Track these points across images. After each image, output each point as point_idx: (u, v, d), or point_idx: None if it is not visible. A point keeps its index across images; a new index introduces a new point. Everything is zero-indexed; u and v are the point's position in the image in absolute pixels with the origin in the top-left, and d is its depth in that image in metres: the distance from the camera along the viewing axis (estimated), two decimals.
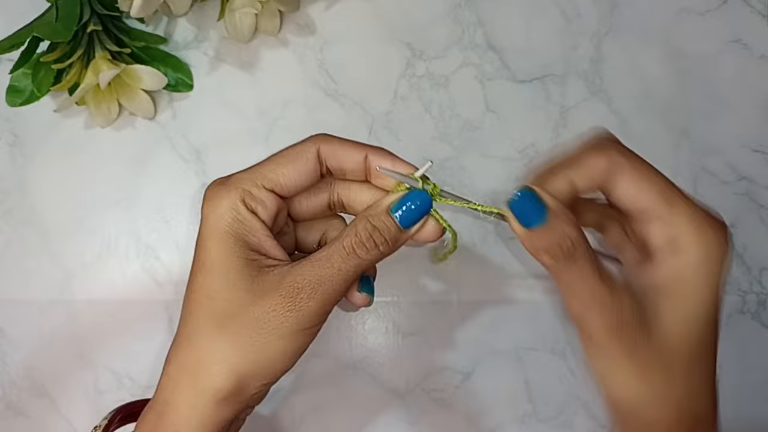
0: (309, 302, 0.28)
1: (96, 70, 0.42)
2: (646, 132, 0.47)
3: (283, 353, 0.28)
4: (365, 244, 0.29)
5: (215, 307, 0.28)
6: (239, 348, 0.28)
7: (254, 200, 0.29)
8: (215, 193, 0.30)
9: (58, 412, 0.44)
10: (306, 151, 0.30)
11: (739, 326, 0.46)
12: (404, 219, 0.29)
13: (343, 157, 0.30)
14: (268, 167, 0.30)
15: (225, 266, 0.28)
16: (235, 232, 0.29)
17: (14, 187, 0.46)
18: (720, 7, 0.49)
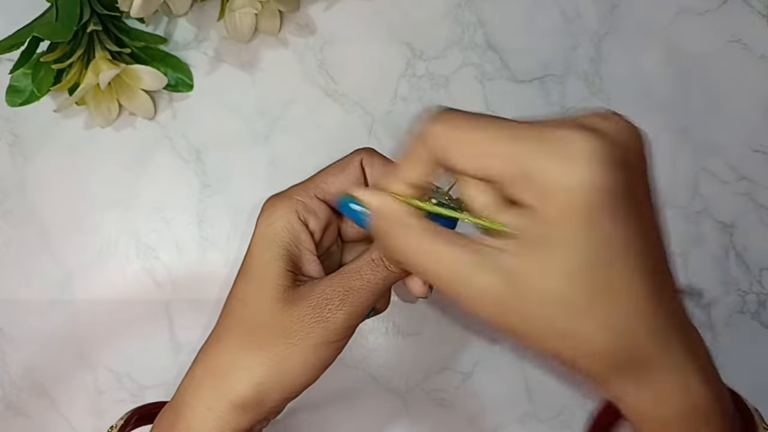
0: (336, 313, 0.28)
1: (96, 70, 0.42)
2: (646, 132, 0.47)
3: (306, 365, 0.28)
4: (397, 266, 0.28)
5: (247, 313, 0.29)
6: (264, 356, 0.28)
7: (307, 210, 0.30)
8: (271, 203, 0.30)
9: (58, 412, 0.44)
10: (352, 160, 0.32)
11: (739, 326, 0.46)
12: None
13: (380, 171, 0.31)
14: (320, 177, 0.31)
15: (263, 273, 0.29)
16: (282, 240, 0.29)
17: (14, 187, 0.46)
18: (720, 7, 0.49)
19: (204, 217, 0.46)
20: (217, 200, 0.46)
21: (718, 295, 0.46)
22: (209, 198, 0.46)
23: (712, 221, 0.46)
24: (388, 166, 0.31)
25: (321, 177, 0.31)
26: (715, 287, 0.46)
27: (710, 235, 0.46)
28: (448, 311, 0.45)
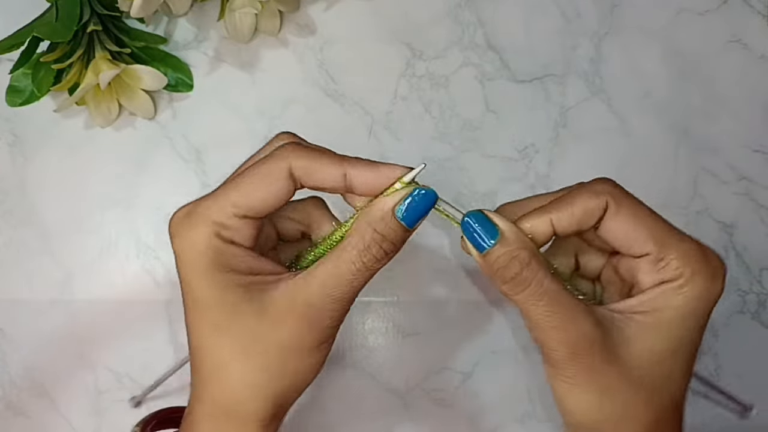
0: (325, 320, 0.28)
1: (96, 70, 0.42)
2: (646, 132, 0.47)
3: (311, 368, 0.29)
4: (375, 255, 0.28)
5: (231, 341, 0.27)
6: (270, 375, 0.28)
7: (229, 231, 0.27)
8: (184, 228, 0.28)
9: (58, 412, 0.44)
10: (276, 169, 0.28)
11: (739, 326, 0.46)
12: (408, 218, 0.28)
13: (320, 177, 0.28)
14: (237, 192, 0.28)
15: (225, 301, 0.27)
16: (222, 266, 0.27)
17: (14, 187, 0.46)
18: (720, 7, 0.49)
19: None
20: None
21: None
22: None
23: (712, 221, 0.46)
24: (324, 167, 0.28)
25: (237, 191, 0.28)
26: None
27: (710, 235, 0.46)
28: (448, 311, 0.45)
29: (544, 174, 0.47)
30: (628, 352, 0.27)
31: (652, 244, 0.28)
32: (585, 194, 0.28)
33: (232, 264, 0.27)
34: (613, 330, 0.27)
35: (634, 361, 0.27)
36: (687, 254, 0.27)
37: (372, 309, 0.45)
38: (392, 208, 0.28)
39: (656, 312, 0.27)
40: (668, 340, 0.28)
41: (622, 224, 0.28)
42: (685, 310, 0.27)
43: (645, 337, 0.27)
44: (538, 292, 0.27)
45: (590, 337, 0.27)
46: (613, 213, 0.28)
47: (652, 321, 0.27)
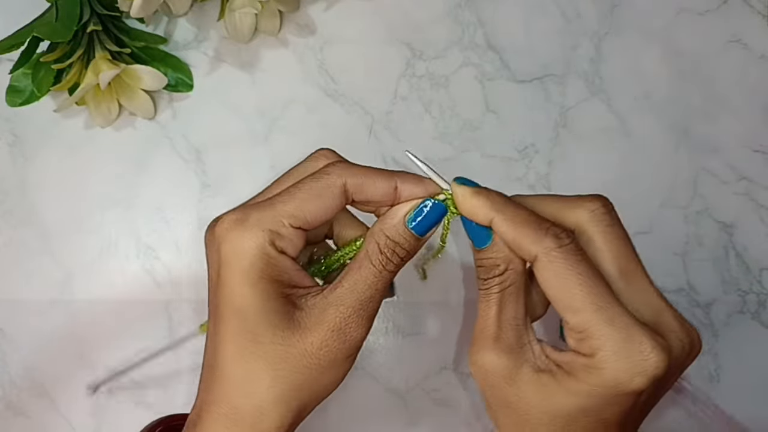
0: (358, 330, 0.29)
1: (96, 70, 0.42)
2: (646, 132, 0.47)
3: (336, 380, 0.30)
4: (391, 259, 0.29)
5: (264, 350, 0.28)
6: (297, 387, 0.29)
7: (284, 240, 0.28)
8: (237, 234, 0.28)
9: (58, 412, 0.44)
10: (332, 186, 0.29)
11: (739, 326, 0.46)
12: (420, 227, 0.30)
13: (372, 192, 0.29)
14: (293, 204, 0.29)
15: (264, 310, 0.28)
16: (269, 275, 0.28)
17: (14, 187, 0.46)
18: (720, 7, 0.49)
19: (204, 217, 0.46)
20: (217, 200, 0.46)
21: (718, 295, 0.46)
22: (209, 198, 0.46)
23: (712, 221, 0.46)
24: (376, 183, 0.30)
25: (292, 203, 0.29)
26: (715, 287, 0.46)
27: (710, 235, 0.46)
28: (448, 311, 0.45)
29: (544, 174, 0.47)
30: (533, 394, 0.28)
31: (572, 313, 0.27)
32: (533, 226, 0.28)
33: (278, 275, 0.28)
34: (527, 368, 0.28)
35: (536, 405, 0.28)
36: (608, 339, 0.26)
37: None
38: (403, 216, 0.30)
39: (567, 375, 0.28)
40: (572, 403, 0.27)
41: (549, 279, 0.28)
42: (591, 388, 0.27)
43: (551, 390, 0.28)
44: (492, 299, 0.29)
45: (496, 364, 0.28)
46: (543, 264, 0.27)
47: (561, 380, 0.28)
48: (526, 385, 0.28)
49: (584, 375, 0.27)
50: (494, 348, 0.29)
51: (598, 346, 0.26)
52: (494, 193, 0.29)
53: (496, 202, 0.29)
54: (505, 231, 0.28)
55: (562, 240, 0.27)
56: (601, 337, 0.26)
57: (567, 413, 0.28)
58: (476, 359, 0.29)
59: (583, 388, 0.27)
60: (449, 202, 0.30)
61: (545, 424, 0.28)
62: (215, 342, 0.29)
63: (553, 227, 0.28)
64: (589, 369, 0.27)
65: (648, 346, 0.26)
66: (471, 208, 0.29)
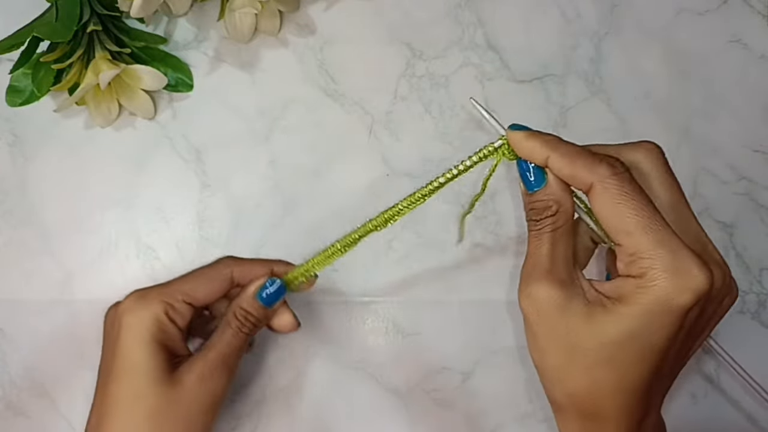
0: (221, 378, 0.35)
1: (96, 70, 0.42)
2: (646, 132, 0.47)
3: (207, 423, 0.35)
4: (244, 324, 0.36)
5: (148, 404, 0.33)
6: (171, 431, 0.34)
7: (176, 312, 0.35)
8: (137, 304, 0.34)
9: (58, 412, 0.44)
10: (221, 273, 0.36)
11: (739, 326, 0.46)
12: (267, 300, 0.36)
13: (253, 275, 0.37)
14: (188, 285, 0.36)
15: (150, 368, 0.33)
16: (159, 339, 0.34)
17: (14, 187, 0.46)
18: (720, 7, 0.49)
19: (204, 217, 0.46)
20: (217, 200, 0.46)
21: None
22: (209, 198, 0.46)
23: (712, 221, 0.47)
24: (256, 269, 0.37)
25: (188, 284, 0.36)
26: None
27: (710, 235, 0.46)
28: (448, 311, 0.45)
29: None
30: (584, 325, 0.29)
31: (624, 236, 0.29)
32: (588, 158, 0.29)
33: (166, 340, 0.34)
34: (578, 301, 0.30)
35: (587, 336, 0.29)
36: (659, 257, 0.28)
37: (372, 309, 0.45)
38: (253, 292, 0.36)
39: (617, 302, 0.29)
40: (623, 329, 0.29)
41: (603, 206, 0.29)
42: (642, 308, 0.28)
43: (602, 320, 0.29)
44: (545, 237, 0.31)
45: (549, 295, 0.30)
46: (598, 191, 0.29)
47: (612, 308, 0.29)
48: (577, 316, 0.29)
49: (634, 296, 0.28)
50: (548, 280, 0.30)
51: (649, 264, 0.28)
52: (547, 134, 0.31)
53: (550, 141, 0.31)
54: (561, 166, 0.30)
55: (616, 168, 0.29)
56: (651, 257, 0.28)
57: (616, 339, 0.29)
58: (530, 291, 0.30)
59: (633, 310, 0.28)
60: (504, 149, 0.32)
61: (594, 352, 0.29)
62: (101, 405, 0.34)
63: (607, 157, 0.30)
64: (640, 288, 0.28)
65: (695, 265, 0.28)
66: (527, 149, 0.31)
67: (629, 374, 0.29)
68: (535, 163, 0.31)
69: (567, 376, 0.30)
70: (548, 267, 0.30)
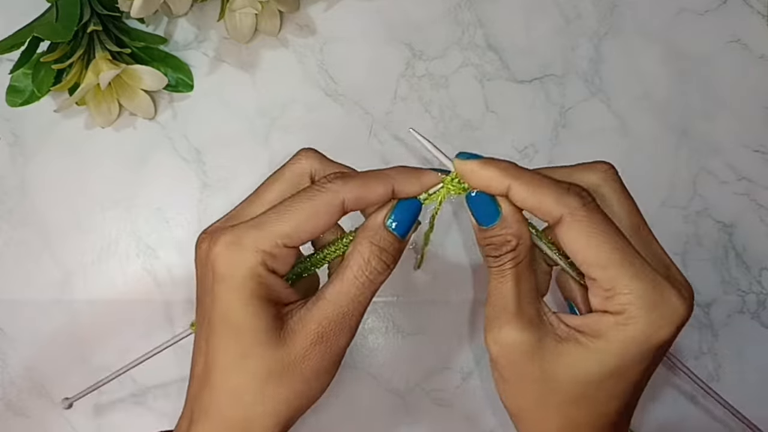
0: (339, 340, 0.29)
1: (96, 71, 0.42)
2: (646, 132, 0.47)
3: (321, 388, 0.30)
4: (376, 268, 0.29)
5: (253, 365, 0.28)
6: (284, 399, 0.29)
7: (276, 261, 0.29)
8: (232, 255, 0.28)
9: (58, 412, 0.44)
10: (329, 204, 0.29)
11: (739, 326, 0.46)
12: (400, 228, 0.30)
13: (370, 201, 0.30)
14: (289, 224, 0.28)
15: (254, 328, 0.28)
16: (259, 294, 0.28)
17: (14, 187, 0.46)
18: (720, 7, 0.49)
19: (204, 217, 0.46)
20: (217, 200, 0.46)
21: (718, 295, 0.46)
22: (209, 198, 0.46)
23: (712, 221, 0.46)
24: (374, 190, 0.29)
25: (288, 223, 0.28)
26: (715, 287, 0.46)
27: (710, 235, 0.46)
28: (448, 311, 0.45)
29: None
30: (557, 364, 0.28)
31: (598, 270, 0.27)
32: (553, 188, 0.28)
33: (268, 294, 0.29)
34: (548, 340, 0.28)
35: (562, 375, 0.28)
36: (637, 292, 0.27)
37: (372, 309, 0.45)
38: (383, 220, 0.30)
39: (593, 338, 0.28)
40: (601, 367, 0.28)
41: (574, 239, 0.27)
42: (622, 346, 0.27)
43: (577, 357, 0.28)
44: (508, 274, 0.29)
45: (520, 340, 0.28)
46: (568, 223, 0.27)
47: (588, 344, 0.28)
48: (550, 356, 0.28)
49: (614, 333, 0.27)
50: (516, 322, 0.28)
51: (628, 301, 0.27)
52: (502, 161, 0.29)
53: (509, 169, 0.28)
54: (525, 196, 0.28)
55: (585, 198, 0.27)
56: (630, 292, 0.27)
57: (593, 377, 0.28)
58: (497, 337, 0.28)
59: (612, 347, 0.27)
60: (449, 183, 0.30)
61: (568, 389, 0.28)
62: (207, 355, 0.29)
63: (574, 186, 0.28)
64: (619, 326, 0.27)
65: (674, 296, 0.27)
66: (485, 179, 0.29)
67: (604, 409, 0.29)
68: (493, 194, 0.29)
69: (540, 416, 0.29)
70: (515, 307, 0.28)
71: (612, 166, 0.31)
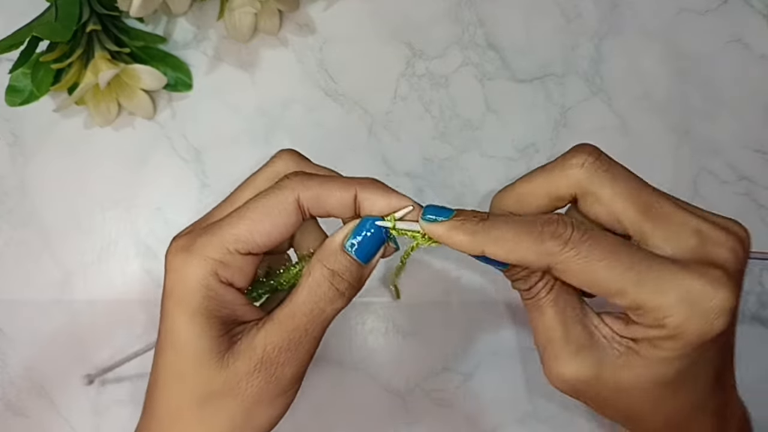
0: (285, 370, 0.27)
1: (95, 70, 0.42)
2: (646, 132, 0.47)
3: (267, 419, 0.27)
4: (327, 294, 0.26)
5: (188, 387, 0.26)
6: (222, 425, 0.27)
7: (229, 270, 0.26)
8: (181, 262, 0.26)
9: (58, 412, 0.44)
10: (283, 203, 0.26)
11: (739, 326, 0.45)
12: (360, 252, 0.27)
13: (331, 204, 0.27)
14: (240, 226, 0.26)
15: (195, 347, 0.26)
16: (207, 310, 0.26)
17: (14, 187, 0.46)
18: (720, 7, 0.49)
19: None
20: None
21: None
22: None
23: None
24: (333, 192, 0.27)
25: (240, 225, 0.26)
26: None
27: None
28: (448, 311, 0.45)
29: None
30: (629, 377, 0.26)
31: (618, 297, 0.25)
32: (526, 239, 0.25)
33: (218, 310, 0.26)
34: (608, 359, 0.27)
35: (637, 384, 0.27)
36: (668, 304, 0.24)
37: (372, 309, 0.45)
38: (341, 241, 0.27)
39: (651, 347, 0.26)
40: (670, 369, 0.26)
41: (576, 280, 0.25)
42: (681, 351, 0.25)
43: (644, 368, 0.26)
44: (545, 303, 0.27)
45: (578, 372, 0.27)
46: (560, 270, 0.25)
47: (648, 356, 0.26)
48: (619, 373, 0.26)
49: (666, 343, 0.25)
50: (568, 355, 0.26)
51: (663, 315, 0.24)
52: (470, 219, 0.26)
53: (476, 231, 0.26)
54: (503, 257, 0.26)
55: (563, 235, 0.25)
56: (660, 309, 0.24)
57: (671, 377, 0.26)
58: (557, 374, 0.27)
59: (673, 354, 0.25)
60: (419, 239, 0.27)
61: (657, 393, 0.27)
62: (151, 375, 0.28)
63: (547, 225, 0.25)
64: (668, 338, 0.25)
65: (709, 288, 0.24)
66: (456, 247, 0.26)
67: (697, 393, 0.27)
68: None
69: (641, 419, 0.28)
70: (563, 339, 0.26)
71: (593, 150, 0.27)
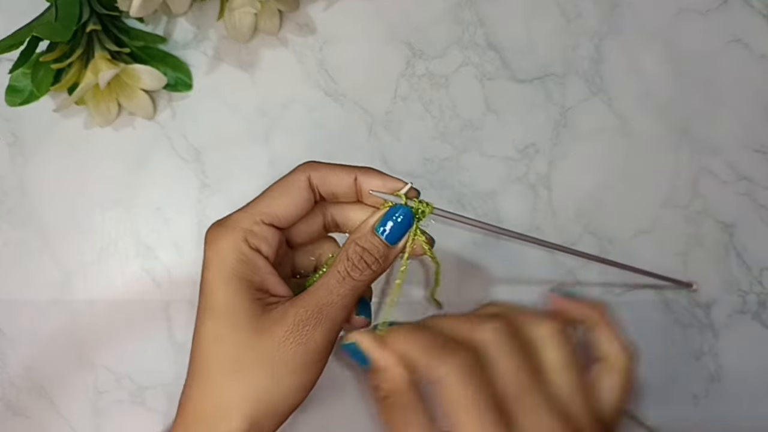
0: (314, 332, 0.29)
1: (95, 70, 0.42)
2: (646, 132, 0.47)
3: (295, 388, 0.29)
4: (357, 266, 0.30)
5: (224, 350, 0.28)
6: (253, 389, 0.28)
7: (256, 237, 0.30)
8: (216, 235, 0.30)
9: (58, 412, 0.44)
10: (297, 180, 0.31)
11: (739, 326, 0.46)
12: (390, 236, 0.31)
13: (334, 182, 0.31)
14: (263, 202, 0.31)
15: (231, 309, 0.29)
16: (240, 273, 0.29)
17: (14, 187, 0.46)
18: (720, 7, 0.49)
19: (204, 217, 0.46)
20: (217, 200, 0.46)
21: (719, 296, 0.46)
22: (209, 198, 0.46)
23: (712, 221, 0.46)
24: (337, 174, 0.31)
25: (264, 201, 0.31)
26: (716, 287, 0.46)
27: (710, 235, 0.46)
28: (448, 312, 0.45)
29: (544, 174, 0.47)
30: None
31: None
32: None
33: (251, 274, 0.29)
34: None
35: None
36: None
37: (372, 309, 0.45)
38: (373, 223, 0.31)
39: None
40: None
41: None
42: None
43: None
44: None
45: None
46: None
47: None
48: None
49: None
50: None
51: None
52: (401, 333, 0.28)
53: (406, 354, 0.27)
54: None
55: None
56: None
57: None
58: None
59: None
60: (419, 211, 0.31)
61: None
62: (193, 344, 0.30)
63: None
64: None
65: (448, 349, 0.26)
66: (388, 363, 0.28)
67: None
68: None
69: None
70: None
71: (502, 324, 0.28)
